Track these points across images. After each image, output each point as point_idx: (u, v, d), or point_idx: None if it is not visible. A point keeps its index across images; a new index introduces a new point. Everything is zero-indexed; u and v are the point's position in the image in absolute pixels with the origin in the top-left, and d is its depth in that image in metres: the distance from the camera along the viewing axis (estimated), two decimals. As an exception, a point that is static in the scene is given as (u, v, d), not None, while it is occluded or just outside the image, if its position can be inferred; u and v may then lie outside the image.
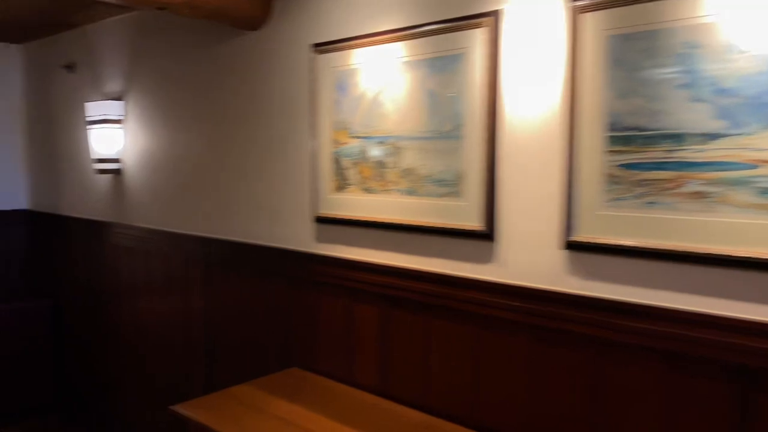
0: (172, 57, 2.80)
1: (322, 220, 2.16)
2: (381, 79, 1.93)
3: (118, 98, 3.11)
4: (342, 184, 2.08)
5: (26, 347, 3.65)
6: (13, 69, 3.91)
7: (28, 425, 3.54)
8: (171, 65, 2.81)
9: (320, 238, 2.20)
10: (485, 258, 1.74)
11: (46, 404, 3.73)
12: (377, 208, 1.97)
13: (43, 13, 3.12)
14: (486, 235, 1.71)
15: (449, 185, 1.78)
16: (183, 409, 1.91)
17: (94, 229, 3.38)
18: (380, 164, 1.95)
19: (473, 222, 1.74)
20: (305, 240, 2.25)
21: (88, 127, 3.17)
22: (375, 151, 1.96)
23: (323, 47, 2.09)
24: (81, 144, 3.42)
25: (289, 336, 2.35)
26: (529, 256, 1.65)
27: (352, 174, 2.04)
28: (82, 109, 3.33)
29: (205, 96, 2.64)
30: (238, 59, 2.47)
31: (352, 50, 2.00)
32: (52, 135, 3.72)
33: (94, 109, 3.11)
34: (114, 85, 3.15)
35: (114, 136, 3.08)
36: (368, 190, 2.00)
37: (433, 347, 1.88)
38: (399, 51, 1.87)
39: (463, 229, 1.76)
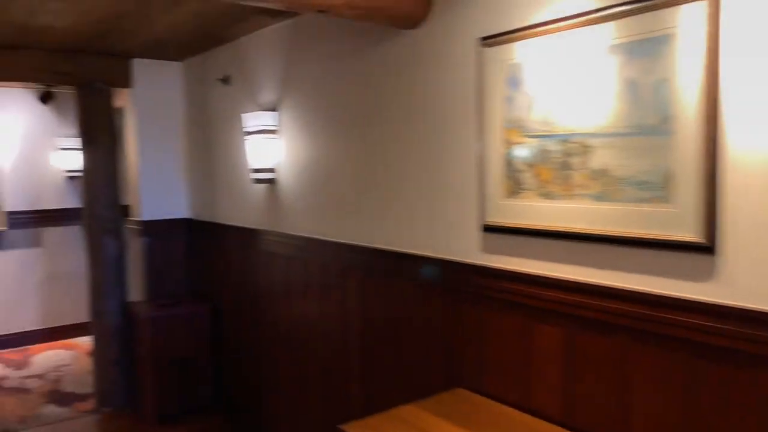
0: (326, 64, 2.76)
1: (490, 229, 1.97)
2: (564, 70, 1.71)
3: (273, 108, 3.14)
4: (515, 189, 1.88)
5: (189, 350, 3.83)
6: (175, 86, 4.14)
7: (190, 426, 3.70)
8: (325, 72, 2.78)
9: (488, 249, 2.01)
10: (702, 275, 1.45)
11: (206, 406, 3.89)
12: (559, 215, 1.75)
13: (203, 30, 3.24)
14: (704, 247, 1.43)
15: (654, 188, 1.52)
16: (351, 430, 1.81)
17: (249, 236, 3.46)
18: (563, 165, 1.73)
19: (686, 231, 1.46)
20: (470, 250, 2.08)
21: (244, 138, 3.25)
22: (556, 151, 1.74)
23: (492, 40, 1.91)
24: (237, 155, 3.52)
25: (453, 353, 2.18)
26: (765, 274, 1.35)
27: (527, 177, 1.83)
28: (238, 121, 3.42)
29: (360, 101, 2.57)
30: (395, 61, 2.36)
31: (527, 40, 1.80)
32: (210, 147, 3.88)
33: (250, 120, 3.17)
34: (268, 96, 3.19)
35: (269, 146, 3.12)
36: (547, 196, 1.78)
37: (632, 377, 1.62)
38: (587, 37, 1.64)
39: (673, 241, 1.49)
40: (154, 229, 4.10)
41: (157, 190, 4.11)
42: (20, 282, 5.42)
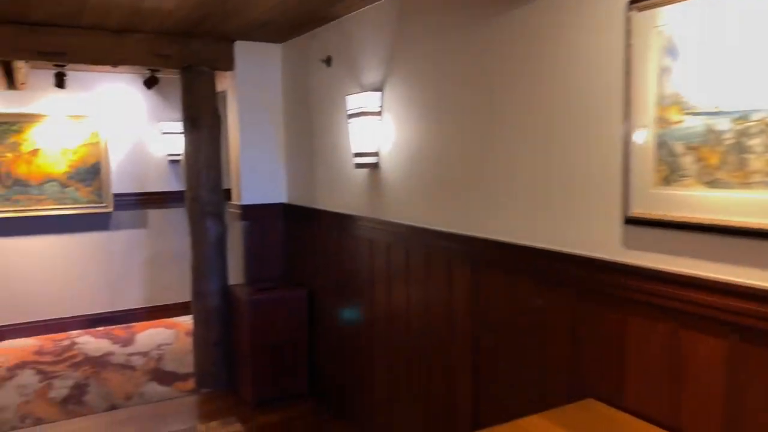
0: (436, 40, 2.57)
1: (636, 222, 1.72)
2: (740, 33, 1.42)
3: (377, 89, 2.99)
4: (670, 176, 1.61)
5: (287, 335, 3.80)
6: (275, 68, 4.09)
7: (286, 412, 3.67)
8: (434, 50, 2.59)
9: (631, 244, 1.76)
10: None
11: (302, 393, 3.85)
12: (728, 207, 1.48)
13: (306, 9, 3.13)
14: None
15: None
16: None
17: (348, 223, 3.35)
18: (737, 148, 1.45)
19: None
20: (608, 245, 1.83)
21: (347, 120, 3.12)
22: (728, 131, 1.46)
23: (644, 3, 1.64)
24: (338, 138, 3.41)
25: (582, 360, 1.95)
26: None
27: (687, 162, 1.57)
28: (340, 103, 3.31)
29: (476, 77, 2.35)
30: (521, 31, 2.13)
31: (689, 0, 1.53)
32: (309, 131, 3.80)
33: (354, 101, 3.03)
34: (373, 76, 3.05)
35: (373, 129, 2.98)
36: (714, 184, 1.51)
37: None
38: (778, -9, 1.35)
39: None
40: (252, 213, 4.09)
41: (257, 174, 4.09)
42: (126, 261, 5.65)
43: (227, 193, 4.22)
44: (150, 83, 5.32)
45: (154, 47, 3.69)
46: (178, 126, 5.66)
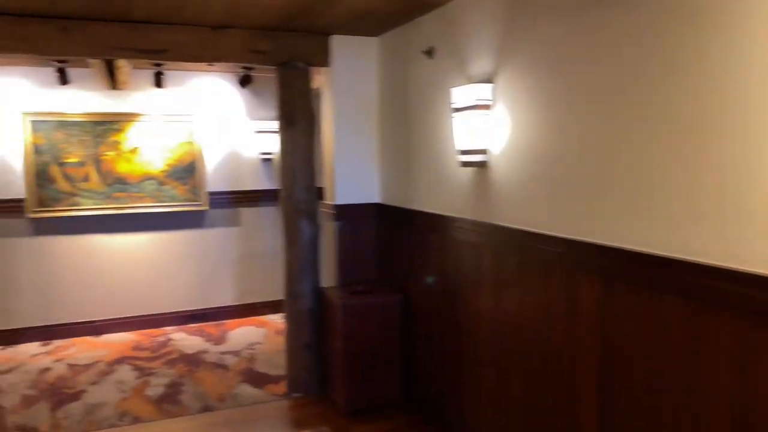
0: (560, 22, 2.28)
1: (839, 235, 1.38)
2: None
3: (487, 80, 2.73)
4: None
5: (381, 341, 3.62)
6: (371, 63, 3.92)
7: (381, 424, 3.49)
8: (558, 33, 2.30)
9: (829, 262, 1.42)
10: None
11: (396, 402, 3.66)
12: None
13: (409, -4, 2.93)
14: None
15: None
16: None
17: (449, 225, 3.11)
18: None
19: None
20: (792, 262, 1.49)
21: (452, 115, 2.89)
22: None
23: None
24: (440, 135, 3.19)
25: (748, 402, 1.62)
26: None
27: None
28: (442, 97, 3.08)
29: (616, 62, 2.05)
30: (672, 11, 1.81)
31: None
32: (407, 128, 3.60)
33: (460, 94, 2.80)
34: (481, 66, 2.79)
35: (482, 124, 2.72)
36: None
37: None
38: None
39: None
40: (345, 213, 3.95)
41: (351, 173, 3.94)
42: (219, 259, 5.69)
43: (319, 193, 4.10)
44: (244, 82, 5.32)
45: (249, 43, 3.61)
46: (271, 125, 5.65)
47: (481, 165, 2.80)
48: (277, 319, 5.63)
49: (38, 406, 3.77)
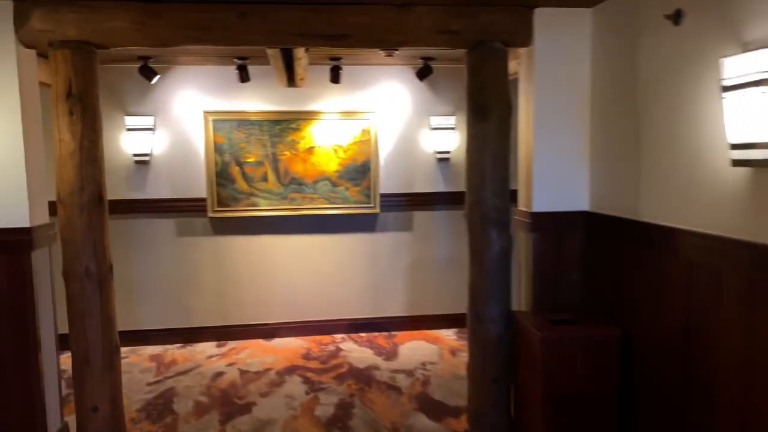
0: None
1: None
2: None
3: (786, 43, 1.93)
4: None
5: (591, 385, 2.90)
6: (582, 40, 3.21)
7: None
8: None
9: None
10: None
11: (609, 462, 2.92)
12: None
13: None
14: None
15: None
16: None
17: (699, 245, 2.32)
18: None
19: None
20: None
21: (720, 96, 2.11)
22: None
23: None
24: (692, 124, 2.41)
25: None
26: None
27: None
28: (694, 74, 2.31)
29: None
30: None
31: None
32: (633, 116, 2.84)
33: (734, 67, 2.02)
34: (766, 25, 1.99)
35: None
36: None
37: None
38: None
39: None
40: (544, 222, 3.29)
41: (552, 174, 3.27)
42: (390, 266, 5.30)
43: (513, 197, 3.47)
44: (423, 74, 4.85)
45: (439, 22, 3.10)
46: (448, 121, 5.14)
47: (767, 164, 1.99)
48: (452, 336, 5.10)
49: (209, 417, 3.61)
